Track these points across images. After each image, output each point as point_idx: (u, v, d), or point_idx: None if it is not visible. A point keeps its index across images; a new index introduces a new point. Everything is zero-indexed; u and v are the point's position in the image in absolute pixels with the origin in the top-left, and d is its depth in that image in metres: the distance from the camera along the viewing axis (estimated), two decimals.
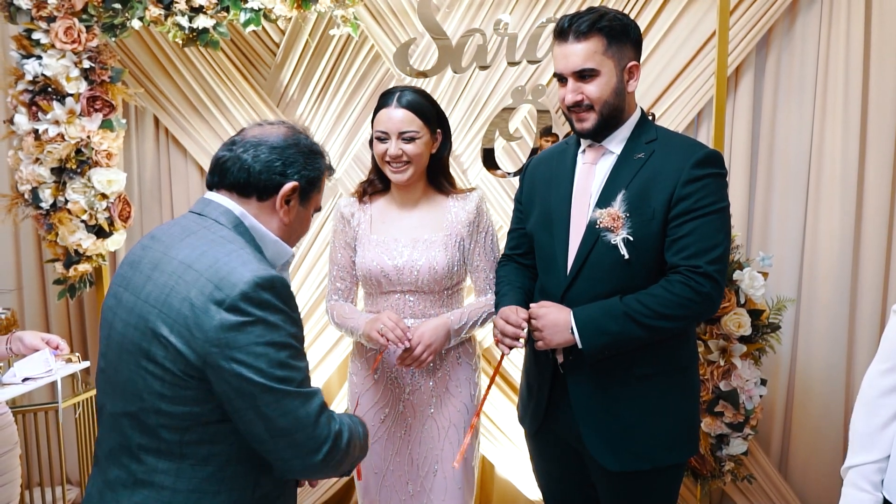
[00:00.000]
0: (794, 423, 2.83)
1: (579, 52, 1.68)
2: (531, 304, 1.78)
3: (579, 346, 1.68)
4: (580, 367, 1.75)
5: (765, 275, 2.45)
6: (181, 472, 1.17)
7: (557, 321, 1.70)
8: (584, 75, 1.69)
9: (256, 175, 1.26)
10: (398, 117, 1.93)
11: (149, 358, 1.14)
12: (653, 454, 1.76)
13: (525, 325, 1.74)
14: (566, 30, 1.69)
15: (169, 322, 1.13)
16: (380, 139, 1.96)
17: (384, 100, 1.98)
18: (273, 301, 1.16)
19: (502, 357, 1.85)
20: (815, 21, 2.65)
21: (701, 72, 2.65)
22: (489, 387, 1.88)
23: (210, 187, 1.31)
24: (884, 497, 1.54)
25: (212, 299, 1.12)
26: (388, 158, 1.95)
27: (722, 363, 2.42)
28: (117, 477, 1.19)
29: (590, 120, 1.73)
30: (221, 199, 1.27)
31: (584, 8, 2.59)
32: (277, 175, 1.27)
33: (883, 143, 2.65)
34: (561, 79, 1.75)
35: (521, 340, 1.76)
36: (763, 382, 2.46)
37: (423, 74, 2.68)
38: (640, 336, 1.67)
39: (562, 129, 2.71)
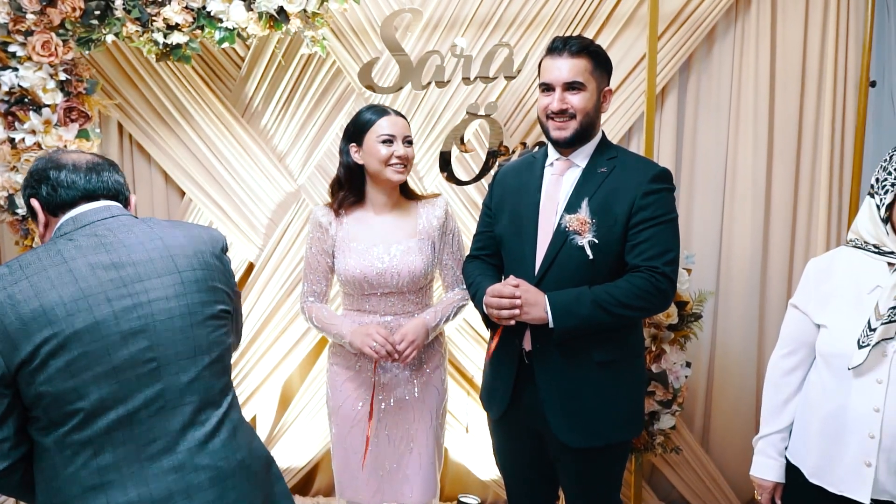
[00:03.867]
0: (714, 401, 3.08)
1: (571, 67, 1.90)
2: (513, 278, 1.89)
3: (551, 325, 1.84)
4: (546, 355, 1.93)
5: (689, 271, 2.70)
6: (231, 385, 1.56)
7: (537, 300, 1.85)
8: (573, 87, 1.91)
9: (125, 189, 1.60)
10: (402, 123, 2.18)
11: (218, 305, 1.50)
12: (608, 432, 1.94)
13: (518, 292, 1.85)
14: (561, 48, 1.91)
15: (216, 276, 1.51)
16: (386, 142, 2.14)
17: (379, 111, 2.18)
18: None
19: (498, 333, 1.99)
20: (728, 49, 2.92)
21: (633, 91, 2.89)
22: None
23: (96, 198, 1.51)
24: (786, 460, 1.80)
25: (220, 250, 1.56)
26: (394, 160, 2.14)
27: (654, 349, 2.66)
28: (212, 429, 1.43)
29: (569, 129, 1.92)
30: (116, 203, 1.54)
31: (528, 33, 2.87)
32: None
33: (786, 155, 2.94)
34: (547, 88, 1.94)
35: (518, 311, 1.85)
36: (688, 365, 2.71)
37: (384, 90, 2.81)
38: (605, 321, 1.84)
39: (510, 140, 2.94)
